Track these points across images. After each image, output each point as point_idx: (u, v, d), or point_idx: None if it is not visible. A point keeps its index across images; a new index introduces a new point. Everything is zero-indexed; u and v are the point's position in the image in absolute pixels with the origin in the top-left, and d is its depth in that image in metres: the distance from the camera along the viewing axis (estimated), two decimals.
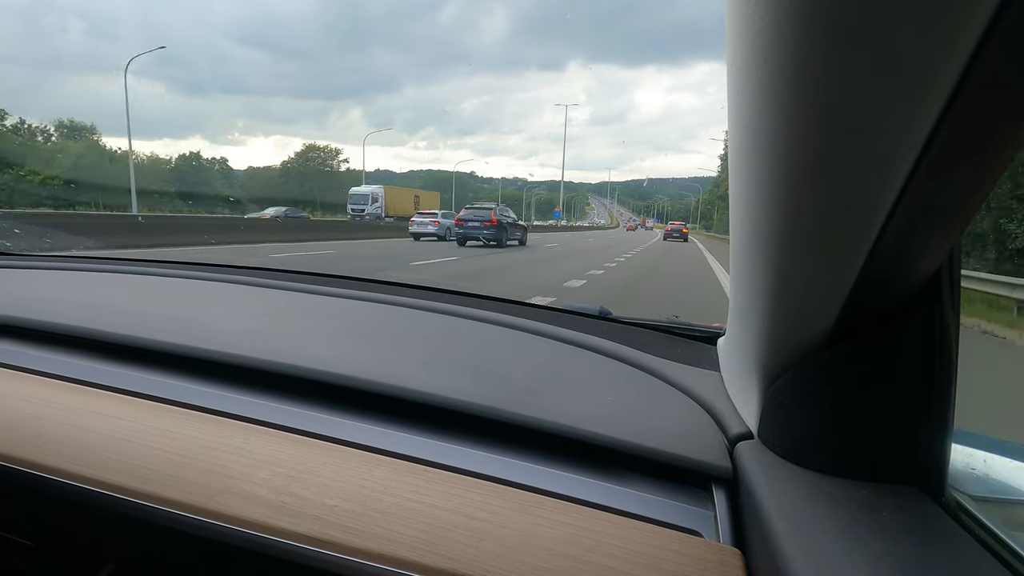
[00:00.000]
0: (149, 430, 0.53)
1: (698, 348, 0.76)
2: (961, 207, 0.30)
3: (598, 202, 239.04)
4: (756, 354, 0.43)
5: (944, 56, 0.23)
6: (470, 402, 0.55)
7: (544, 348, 0.75)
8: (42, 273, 1.06)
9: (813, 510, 0.35)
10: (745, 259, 0.39)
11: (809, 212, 0.31)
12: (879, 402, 0.37)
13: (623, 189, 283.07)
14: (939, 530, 0.34)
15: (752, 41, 0.28)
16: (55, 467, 0.50)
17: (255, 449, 0.50)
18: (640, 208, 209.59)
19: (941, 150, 0.26)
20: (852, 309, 0.35)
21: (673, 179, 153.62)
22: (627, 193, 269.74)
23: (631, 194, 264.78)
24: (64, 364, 0.66)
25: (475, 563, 0.39)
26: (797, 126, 0.28)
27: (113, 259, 1.19)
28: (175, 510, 0.46)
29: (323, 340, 0.72)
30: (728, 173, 0.37)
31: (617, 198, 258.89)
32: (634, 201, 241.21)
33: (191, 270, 1.11)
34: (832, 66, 0.25)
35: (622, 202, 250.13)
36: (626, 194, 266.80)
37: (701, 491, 0.48)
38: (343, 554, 0.41)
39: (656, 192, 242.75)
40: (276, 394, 0.60)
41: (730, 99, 0.33)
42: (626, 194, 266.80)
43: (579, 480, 0.48)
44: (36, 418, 0.55)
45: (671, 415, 0.56)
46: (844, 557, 0.31)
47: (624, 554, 0.40)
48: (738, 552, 0.41)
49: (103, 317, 0.74)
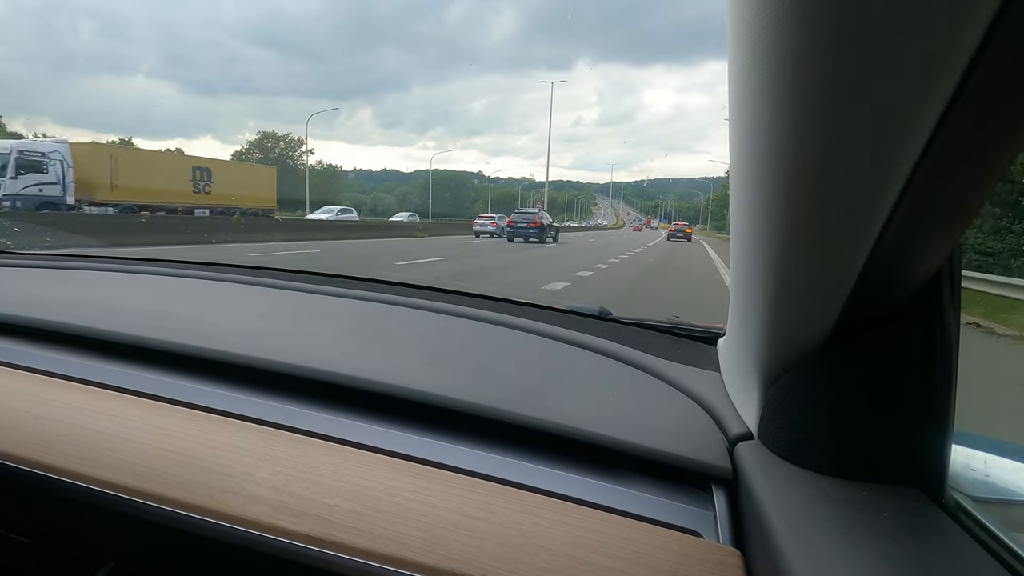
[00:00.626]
0: (149, 429, 0.53)
1: (698, 348, 0.76)
2: (961, 209, 0.30)
3: (605, 202, 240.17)
4: (756, 355, 0.43)
5: (944, 58, 0.23)
6: (471, 402, 0.55)
7: (545, 348, 0.75)
8: (42, 272, 1.06)
9: (813, 510, 0.35)
10: (745, 260, 0.39)
11: (809, 213, 0.31)
12: (879, 403, 0.37)
13: (630, 189, 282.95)
14: (939, 531, 0.34)
15: (752, 43, 0.28)
16: (55, 466, 0.50)
17: (256, 448, 0.50)
18: (647, 208, 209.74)
19: (941, 152, 0.26)
20: (852, 310, 0.35)
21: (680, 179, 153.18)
22: (635, 193, 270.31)
23: (639, 194, 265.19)
24: (64, 363, 0.66)
25: (476, 563, 0.39)
26: (797, 128, 0.28)
27: (113, 258, 1.19)
28: (175, 509, 0.46)
29: (324, 340, 0.72)
30: (729, 176, 0.38)
31: (624, 198, 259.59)
32: (641, 201, 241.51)
33: (192, 269, 1.11)
34: (832, 68, 0.25)
35: (629, 202, 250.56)
36: (634, 194, 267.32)
37: (701, 491, 0.48)
38: (344, 554, 0.41)
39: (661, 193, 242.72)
40: (277, 394, 0.60)
41: (731, 101, 0.33)
42: (634, 194, 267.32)
43: (579, 480, 0.48)
44: (36, 417, 0.55)
45: (671, 415, 0.56)
46: (844, 558, 0.31)
47: (624, 554, 0.40)
48: (738, 552, 0.41)
49: (103, 316, 0.74)
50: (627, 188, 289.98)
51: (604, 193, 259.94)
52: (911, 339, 0.35)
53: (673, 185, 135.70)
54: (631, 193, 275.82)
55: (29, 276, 1.02)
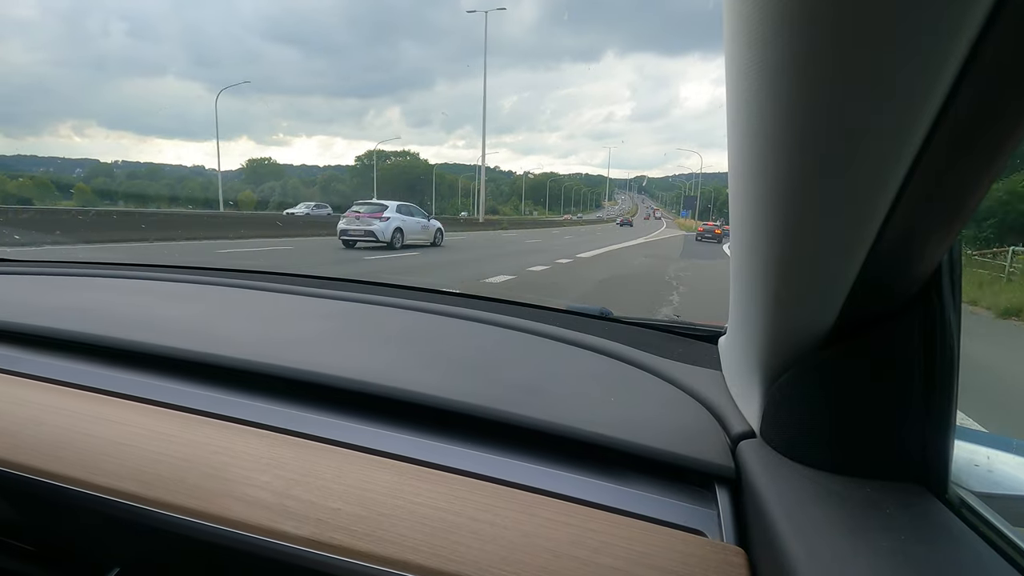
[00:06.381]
0: (150, 434, 0.53)
1: (699, 347, 0.76)
2: (960, 206, 0.30)
3: (627, 196, 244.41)
4: (758, 353, 0.43)
5: (943, 55, 0.23)
6: (472, 403, 0.55)
7: (545, 349, 0.75)
8: (41, 279, 1.06)
9: (816, 508, 0.35)
10: (746, 258, 0.39)
11: (809, 212, 0.31)
12: (881, 400, 0.37)
13: (658, 184, 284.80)
14: (942, 527, 0.34)
15: (751, 41, 0.28)
16: (55, 472, 0.50)
17: (257, 453, 0.50)
18: (667, 200, 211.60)
19: (939, 149, 0.26)
20: (853, 307, 0.35)
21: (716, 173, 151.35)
22: (662, 187, 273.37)
23: (667, 188, 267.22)
24: (64, 369, 0.66)
25: (479, 565, 0.39)
26: (796, 126, 0.28)
27: (113, 264, 1.19)
28: (177, 514, 0.46)
29: (325, 343, 0.72)
30: (728, 174, 0.37)
31: (650, 192, 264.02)
32: (666, 195, 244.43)
33: (192, 274, 1.11)
34: (831, 66, 0.25)
35: (654, 196, 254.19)
36: (662, 188, 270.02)
37: (704, 490, 0.48)
38: (347, 557, 0.41)
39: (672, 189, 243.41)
40: (279, 398, 0.60)
41: (729, 100, 0.33)
42: (662, 188, 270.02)
43: (582, 480, 0.48)
44: (36, 423, 0.55)
45: (673, 414, 0.56)
46: (848, 555, 0.31)
47: (628, 554, 0.40)
48: (742, 551, 0.41)
49: (104, 322, 0.74)
50: (656, 183, 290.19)
51: (628, 188, 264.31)
52: (912, 335, 0.35)
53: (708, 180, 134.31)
54: (658, 187, 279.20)
55: (29, 283, 1.02)
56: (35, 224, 10.93)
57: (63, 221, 11.35)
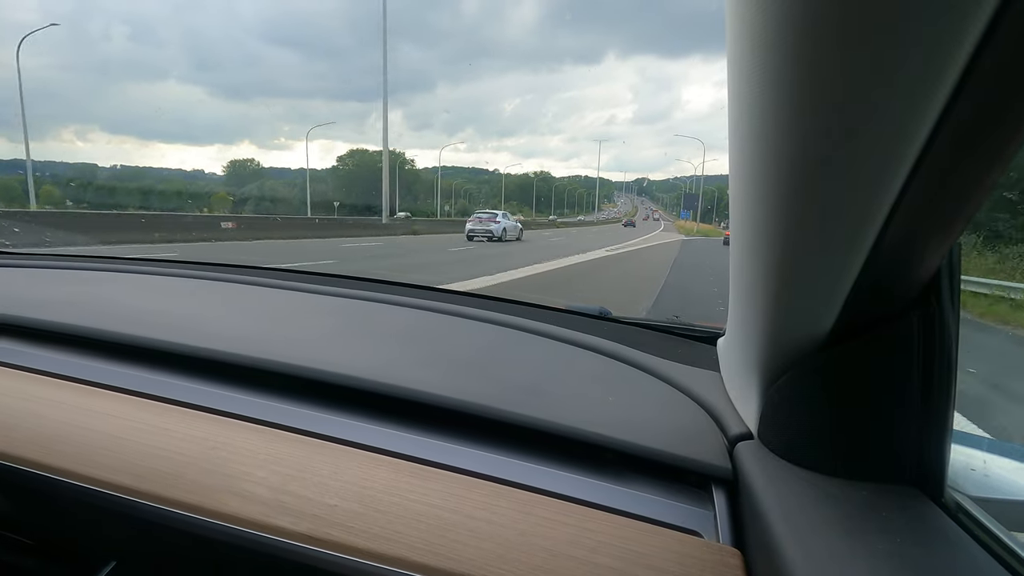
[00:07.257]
0: (148, 429, 0.53)
1: (698, 348, 0.76)
2: (960, 208, 0.30)
3: (626, 198, 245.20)
4: (756, 354, 0.43)
5: (944, 57, 0.23)
6: (471, 402, 0.55)
7: (544, 348, 0.75)
8: (42, 272, 1.06)
9: (813, 510, 0.35)
10: (745, 259, 0.39)
11: (809, 213, 0.31)
12: (879, 403, 0.37)
13: (659, 186, 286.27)
14: (939, 530, 0.34)
15: (752, 42, 0.28)
16: (54, 466, 0.50)
17: (255, 448, 0.50)
18: (668, 202, 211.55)
19: (940, 151, 0.27)
20: (852, 310, 0.35)
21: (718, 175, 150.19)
22: (663, 189, 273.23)
23: (669, 190, 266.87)
24: (64, 363, 0.66)
25: (475, 563, 0.39)
26: (797, 127, 0.28)
27: (112, 258, 1.19)
28: (174, 509, 0.46)
29: (324, 340, 0.72)
30: (728, 176, 0.38)
31: (651, 195, 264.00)
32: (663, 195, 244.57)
33: (191, 269, 1.11)
34: (832, 68, 0.25)
35: (655, 198, 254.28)
36: (663, 190, 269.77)
37: (701, 491, 0.48)
38: (343, 554, 0.41)
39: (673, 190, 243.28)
40: (277, 394, 0.60)
41: (730, 101, 0.33)
42: (663, 190, 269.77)
43: (579, 480, 0.48)
44: (35, 417, 0.55)
45: (671, 415, 0.56)
46: (844, 557, 0.31)
47: (624, 554, 0.40)
48: (738, 552, 0.41)
49: (103, 316, 0.74)
50: (657, 185, 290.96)
51: (628, 190, 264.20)
52: (910, 339, 0.35)
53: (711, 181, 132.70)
54: (659, 189, 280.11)
55: (28, 276, 1.02)
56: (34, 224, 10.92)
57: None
